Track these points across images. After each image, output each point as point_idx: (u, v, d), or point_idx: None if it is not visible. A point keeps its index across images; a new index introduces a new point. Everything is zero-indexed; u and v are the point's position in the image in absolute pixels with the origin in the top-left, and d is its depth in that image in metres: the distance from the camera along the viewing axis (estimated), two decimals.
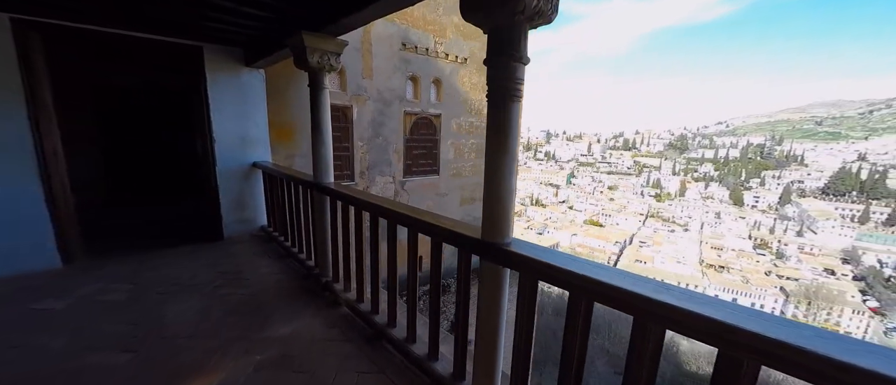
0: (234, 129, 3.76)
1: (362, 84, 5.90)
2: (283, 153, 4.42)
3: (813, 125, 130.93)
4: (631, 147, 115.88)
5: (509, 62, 1.17)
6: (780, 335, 0.73)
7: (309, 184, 2.68)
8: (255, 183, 3.98)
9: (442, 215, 1.69)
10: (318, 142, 2.49)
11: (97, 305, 2.41)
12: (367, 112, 6.01)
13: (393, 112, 6.40)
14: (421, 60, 6.57)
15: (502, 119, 1.22)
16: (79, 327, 2.15)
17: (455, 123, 7.49)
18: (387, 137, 6.41)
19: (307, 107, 4.78)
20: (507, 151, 1.23)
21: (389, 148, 6.49)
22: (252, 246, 3.63)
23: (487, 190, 1.29)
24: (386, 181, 6.58)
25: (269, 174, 3.70)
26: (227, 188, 3.80)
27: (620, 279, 1.01)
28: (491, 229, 1.31)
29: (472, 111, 7.72)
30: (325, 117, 2.48)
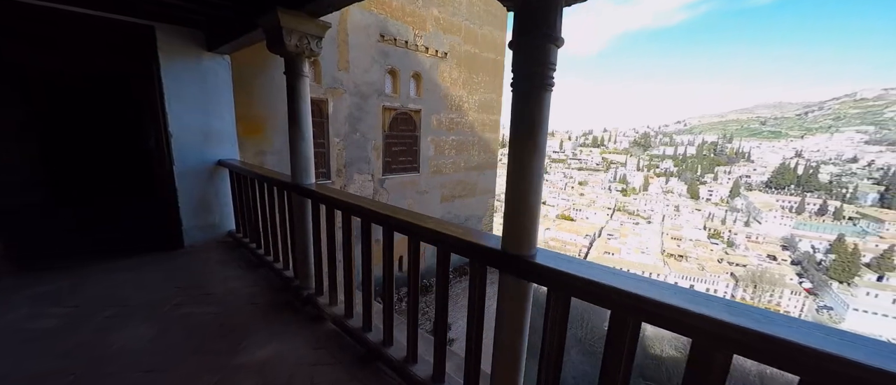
0: (195, 123, 3.33)
1: (338, 77, 5.55)
2: (251, 150, 4.00)
3: (758, 125, 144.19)
4: (599, 144, 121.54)
5: (542, 44, 0.99)
6: None
7: (287, 185, 2.37)
8: (221, 183, 3.56)
9: (448, 222, 1.49)
10: (296, 138, 2.19)
11: (21, 336, 1.98)
12: (343, 106, 5.67)
13: (371, 107, 6.09)
14: (400, 53, 6.30)
15: (531, 112, 1.04)
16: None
17: (435, 119, 7.30)
18: (365, 133, 6.09)
19: (279, 98, 4.41)
20: (535, 150, 1.05)
21: (367, 144, 6.19)
22: (218, 254, 3.23)
23: (511, 195, 1.12)
24: (364, 179, 6.27)
25: (238, 174, 3.31)
26: (188, 189, 3.36)
27: (677, 297, 0.88)
28: (514, 239, 1.13)
29: (452, 107, 7.58)
30: (305, 110, 2.18)
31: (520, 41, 1.02)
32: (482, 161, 8.66)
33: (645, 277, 0.99)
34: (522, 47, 1.03)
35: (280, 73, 4.23)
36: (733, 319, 0.78)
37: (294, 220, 2.34)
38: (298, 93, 2.15)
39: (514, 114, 1.07)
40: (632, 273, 0.99)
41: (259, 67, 3.94)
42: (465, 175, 8.31)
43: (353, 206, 1.79)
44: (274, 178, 2.58)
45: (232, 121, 3.60)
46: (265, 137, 4.12)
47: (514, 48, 1.05)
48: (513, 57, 1.05)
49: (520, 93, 1.05)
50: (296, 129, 2.19)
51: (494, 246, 1.21)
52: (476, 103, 8.15)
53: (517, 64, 1.04)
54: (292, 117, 2.20)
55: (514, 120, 1.07)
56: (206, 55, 3.28)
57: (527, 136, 1.05)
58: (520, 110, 1.06)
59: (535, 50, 1.00)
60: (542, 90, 1.02)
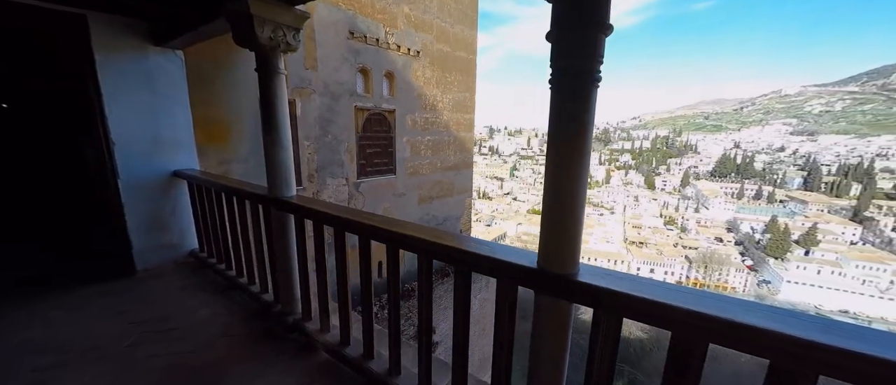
0: (142, 129, 2.88)
1: (306, 76, 5.18)
2: (214, 158, 3.56)
3: (703, 119, 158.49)
4: None
5: (590, 33, 0.86)
6: None
7: (263, 199, 2.07)
8: (179, 197, 3.12)
9: (466, 237, 1.33)
10: (273, 145, 1.91)
11: None
12: (312, 107, 5.30)
13: (342, 107, 5.76)
14: (371, 51, 6.01)
15: (576, 111, 0.90)
16: None
17: (410, 119, 7.09)
18: (337, 135, 5.76)
19: (245, 99, 3.98)
20: (580, 155, 0.92)
21: (340, 147, 5.86)
22: (180, 278, 2.82)
23: (550, 206, 0.98)
24: (338, 184, 5.94)
25: (199, 185, 2.91)
26: (138, 205, 2.91)
27: (752, 314, 0.79)
28: (555, 256, 1.00)
29: (426, 107, 7.42)
30: (282, 112, 1.91)
31: (562, 30, 0.89)
32: (458, 161, 8.59)
33: (706, 292, 0.90)
34: (566, 38, 0.89)
35: (246, 70, 3.83)
36: (825, 340, 0.70)
37: (273, 237, 2.06)
38: (273, 93, 1.87)
39: (555, 113, 0.93)
40: (692, 288, 0.89)
41: (220, 63, 3.51)
42: (442, 175, 8.19)
43: (349, 221, 1.56)
44: (246, 191, 2.26)
45: (188, 126, 3.16)
46: (230, 144, 3.69)
47: (555, 39, 0.91)
48: (553, 49, 0.91)
49: (562, 89, 0.92)
50: (272, 135, 1.91)
51: (528, 263, 1.06)
52: (450, 103, 8.05)
53: (559, 57, 0.90)
54: (267, 121, 1.92)
55: (555, 120, 0.93)
56: (154, 50, 2.84)
57: (570, 138, 0.92)
58: (561, 109, 0.92)
59: (581, 40, 0.87)
60: (590, 86, 0.89)
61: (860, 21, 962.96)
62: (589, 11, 0.85)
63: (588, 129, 0.91)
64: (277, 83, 1.87)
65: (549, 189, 0.98)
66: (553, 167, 0.96)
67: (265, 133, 1.93)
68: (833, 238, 62.62)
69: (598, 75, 0.89)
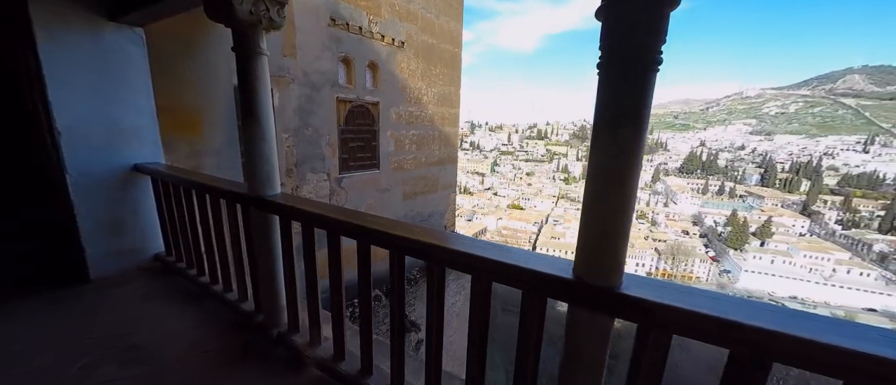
0: (95, 117, 2.52)
1: (284, 63, 4.84)
2: (183, 151, 3.21)
3: (672, 118, 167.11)
4: (544, 137, 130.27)
5: (653, 5, 0.73)
6: None
7: (242, 197, 1.83)
8: (140, 194, 2.78)
9: (479, 241, 1.18)
10: (254, 135, 1.67)
11: None
12: (291, 97, 4.98)
13: (323, 99, 5.46)
14: (354, 40, 5.72)
15: (630, 100, 0.77)
16: None
17: (394, 113, 6.87)
18: (318, 128, 5.46)
19: (218, 83, 3.61)
20: (632, 150, 0.79)
21: (321, 140, 5.56)
22: (143, 286, 2.50)
23: (592, 209, 0.85)
24: (319, 179, 5.66)
25: (165, 181, 2.59)
26: (92, 204, 2.55)
27: (827, 331, 0.70)
28: (596, 265, 0.87)
29: (411, 100, 7.21)
30: (264, 99, 1.67)
31: (617, 4, 0.75)
32: (443, 155, 8.46)
33: (770, 305, 0.81)
34: (622, 13, 0.75)
35: (219, 51, 3.47)
36: None
37: (255, 240, 1.83)
38: (254, 76, 1.63)
39: (604, 102, 0.80)
40: (753, 300, 0.80)
41: (189, 42, 3.15)
42: (427, 170, 8.04)
43: (347, 224, 1.37)
44: (221, 188, 2.00)
45: (152, 114, 2.81)
46: (201, 135, 3.34)
47: (606, 16, 0.77)
48: (605, 28, 0.77)
49: (613, 73, 0.78)
50: (253, 125, 1.67)
51: (562, 273, 0.94)
52: (435, 96, 7.88)
53: (611, 36, 0.77)
54: (246, 109, 1.68)
55: (603, 110, 0.80)
56: (109, 27, 2.48)
57: (621, 130, 0.79)
58: (611, 96, 0.79)
59: (641, 15, 0.73)
60: (648, 70, 0.76)
61: (813, 27, 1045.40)
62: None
63: (643, 120, 0.78)
64: (258, 65, 1.64)
65: (592, 189, 0.85)
66: (599, 164, 0.83)
67: (244, 123, 1.69)
68: (785, 230, 68.09)
69: (659, 57, 0.76)
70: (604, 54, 0.80)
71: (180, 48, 3.09)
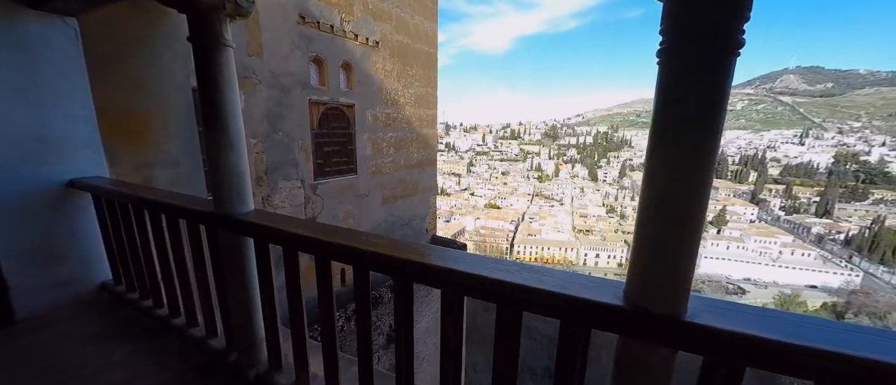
0: (18, 124, 2.10)
1: (250, 63, 4.47)
2: (130, 162, 2.79)
3: (635, 117, 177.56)
4: (517, 137, 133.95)
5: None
6: None
7: (206, 216, 1.53)
8: (79, 214, 2.36)
9: (506, 262, 1.01)
10: (220, 144, 1.39)
11: None
12: (259, 100, 4.60)
13: (294, 101, 5.12)
14: (325, 39, 5.41)
15: (703, 91, 0.63)
16: None
17: (371, 115, 6.61)
18: (289, 133, 5.10)
19: (172, 83, 3.18)
20: (706, 152, 0.65)
21: (293, 145, 5.21)
22: (85, 324, 2.11)
23: (651, 222, 0.70)
24: (292, 186, 5.30)
25: (110, 199, 2.20)
26: (14, 228, 2.13)
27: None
28: (653, 288, 0.73)
29: (387, 102, 6.98)
30: (230, 98, 1.40)
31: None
32: (422, 158, 8.29)
33: (865, 327, 0.70)
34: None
35: (175, 47, 3.04)
36: None
37: (224, 266, 1.55)
38: (217, 71, 1.36)
39: (668, 95, 0.65)
40: (844, 322, 0.69)
41: (136, 36, 2.74)
42: (406, 173, 7.83)
43: (339, 247, 1.13)
44: (180, 206, 1.68)
45: (90, 119, 2.40)
46: (152, 143, 2.92)
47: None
48: (668, 6, 0.63)
49: (680, 61, 0.63)
50: (218, 131, 1.39)
51: (612, 300, 0.78)
52: (412, 98, 7.69)
53: (678, 15, 0.62)
54: (210, 111, 1.39)
55: (667, 105, 0.65)
56: (32, 16, 2.07)
57: (691, 129, 0.65)
58: (677, 89, 0.64)
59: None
60: (727, 54, 0.62)
61: (754, 28, 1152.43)
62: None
63: (719, 117, 0.64)
64: (222, 59, 1.36)
65: (651, 199, 0.70)
66: (661, 170, 0.68)
67: (207, 129, 1.41)
68: (737, 218, 74.05)
69: (741, 38, 0.63)
70: (667, 38, 0.65)
71: (126, 42, 2.67)
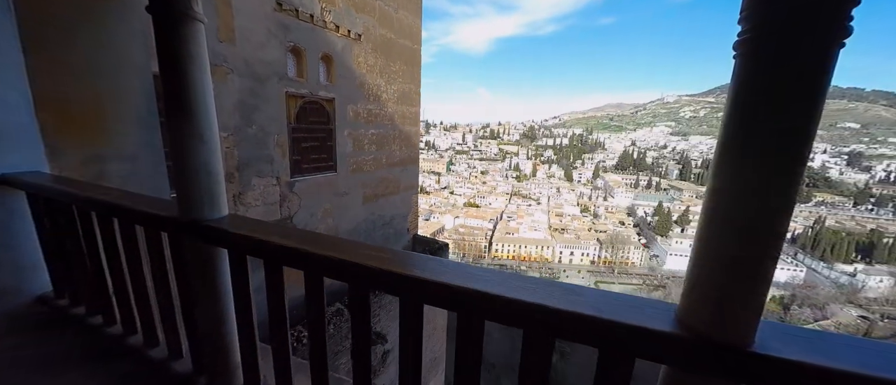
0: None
1: (220, 50, 4.11)
2: (76, 156, 2.42)
3: (608, 120, 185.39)
4: (496, 136, 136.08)
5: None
6: None
7: (169, 222, 1.28)
8: (10, 215, 2.01)
9: (541, 279, 0.89)
10: (188, 136, 1.16)
11: None
12: (230, 90, 4.25)
13: (270, 93, 4.80)
14: (305, 29, 5.11)
15: (801, 85, 0.53)
16: None
17: (352, 110, 6.35)
18: (264, 126, 4.77)
19: (131, 68, 2.79)
20: (795, 160, 0.55)
21: (269, 140, 4.89)
22: (18, 344, 1.78)
23: (717, 236, 0.59)
24: (267, 184, 4.97)
25: (49, 199, 1.88)
26: None
27: None
28: (716, 316, 0.62)
29: (369, 97, 6.75)
30: (201, 82, 1.17)
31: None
32: (404, 156, 8.12)
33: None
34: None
35: (129, 20, 2.68)
36: None
37: (191, 280, 1.32)
38: (185, 51, 1.13)
39: (749, 90, 0.54)
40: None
41: (82, 11, 2.38)
42: (388, 171, 7.62)
43: (334, 262, 0.95)
44: (136, 210, 1.42)
45: (27, 105, 2.05)
46: (103, 134, 2.56)
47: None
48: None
49: (770, 51, 0.52)
50: (185, 121, 1.16)
51: (662, 326, 0.68)
52: (395, 94, 7.49)
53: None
54: (175, 97, 1.16)
55: (748, 103, 0.54)
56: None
57: (782, 130, 0.54)
58: (765, 84, 0.53)
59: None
60: (830, 43, 0.51)
61: (715, 42, 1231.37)
62: None
63: (816, 117, 0.54)
64: (190, 34, 1.14)
65: (719, 209, 0.59)
66: (733, 177, 0.57)
67: (171, 117, 1.18)
68: None
69: (849, 25, 0.53)
70: (752, 25, 0.55)
71: (72, 16, 2.31)
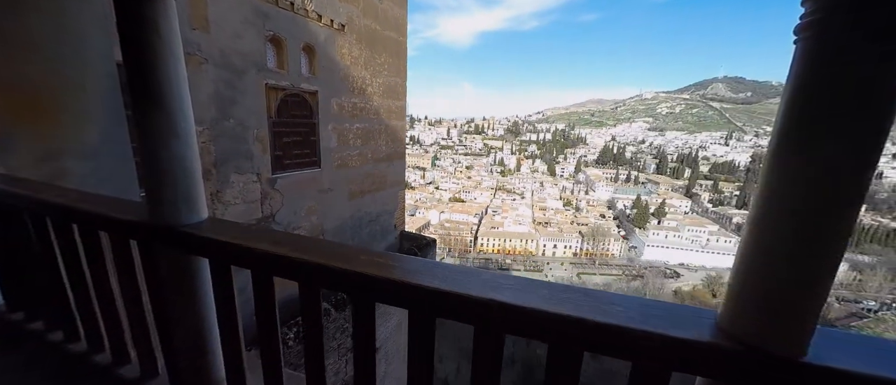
0: None
1: (193, 38, 3.86)
2: (29, 152, 2.16)
3: (589, 116, 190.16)
4: (481, 132, 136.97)
5: None
6: None
7: (139, 228, 1.12)
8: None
9: (572, 286, 0.81)
10: (158, 131, 1.00)
11: None
12: (205, 81, 4.00)
13: (248, 85, 4.55)
14: (285, 17, 4.86)
15: (873, 79, 0.46)
16: None
17: (336, 104, 6.15)
18: (242, 120, 4.53)
19: (91, 52, 2.53)
20: (865, 156, 0.50)
21: (248, 135, 4.65)
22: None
23: (770, 236, 0.54)
24: (246, 181, 4.74)
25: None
26: None
27: None
28: (765, 324, 0.57)
29: (354, 90, 6.55)
30: (173, 70, 1.01)
31: None
32: (390, 151, 7.97)
33: None
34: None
35: (87, 2, 2.43)
36: None
37: (167, 292, 1.17)
38: (155, 30, 0.97)
39: (810, 79, 0.47)
40: None
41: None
42: (374, 167, 7.45)
43: (337, 272, 0.83)
44: (99, 214, 1.24)
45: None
46: (62, 126, 2.30)
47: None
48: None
49: (843, 35, 0.45)
50: (154, 112, 1.01)
51: (702, 336, 0.61)
52: (380, 87, 7.30)
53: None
54: (141, 85, 1.00)
55: (809, 93, 0.47)
56: None
57: (849, 121, 0.48)
58: (833, 69, 0.47)
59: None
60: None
61: (690, 41, 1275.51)
62: None
63: (890, 115, 0.49)
64: (159, 12, 0.98)
65: (772, 207, 0.53)
66: (793, 172, 0.51)
67: (139, 109, 1.02)
68: (674, 210, 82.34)
69: None
70: (822, 4, 0.48)
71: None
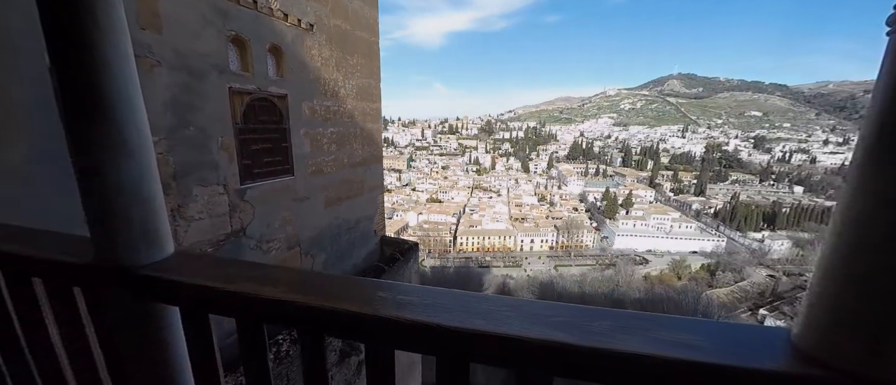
0: None
1: (143, 38, 3.46)
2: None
3: (558, 113, 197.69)
4: (455, 132, 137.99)
5: None
6: None
7: (84, 271, 0.88)
8: None
9: (612, 311, 0.70)
10: (105, 147, 0.79)
11: None
12: (159, 86, 3.61)
13: (210, 89, 4.18)
14: (247, 16, 4.51)
15: None
16: None
17: (307, 107, 5.83)
18: (204, 127, 4.15)
19: (13, 56, 2.18)
20: None
21: (211, 143, 4.27)
22: None
23: (863, 245, 0.46)
24: (212, 193, 4.34)
25: None
26: None
27: None
28: (859, 344, 0.49)
29: (326, 93, 6.26)
30: (122, 70, 0.80)
31: None
32: (367, 155, 7.70)
33: None
34: None
35: None
36: None
37: (124, 347, 0.93)
38: (93, 21, 0.77)
39: None
40: None
41: None
42: (351, 172, 7.16)
43: (351, 316, 0.65)
44: (30, 257, 0.97)
45: None
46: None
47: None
48: None
49: None
50: (98, 125, 0.78)
51: (773, 363, 0.53)
52: (354, 89, 7.03)
53: None
54: (77, 90, 0.78)
55: None
56: None
57: None
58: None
59: None
60: None
61: (647, 39, 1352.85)
62: None
63: None
64: (107, 7, 0.77)
65: (865, 215, 0.46)
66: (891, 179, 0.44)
67: (74, 120, 0.80)
68: (640, 200, 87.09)
69: None
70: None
71: None
